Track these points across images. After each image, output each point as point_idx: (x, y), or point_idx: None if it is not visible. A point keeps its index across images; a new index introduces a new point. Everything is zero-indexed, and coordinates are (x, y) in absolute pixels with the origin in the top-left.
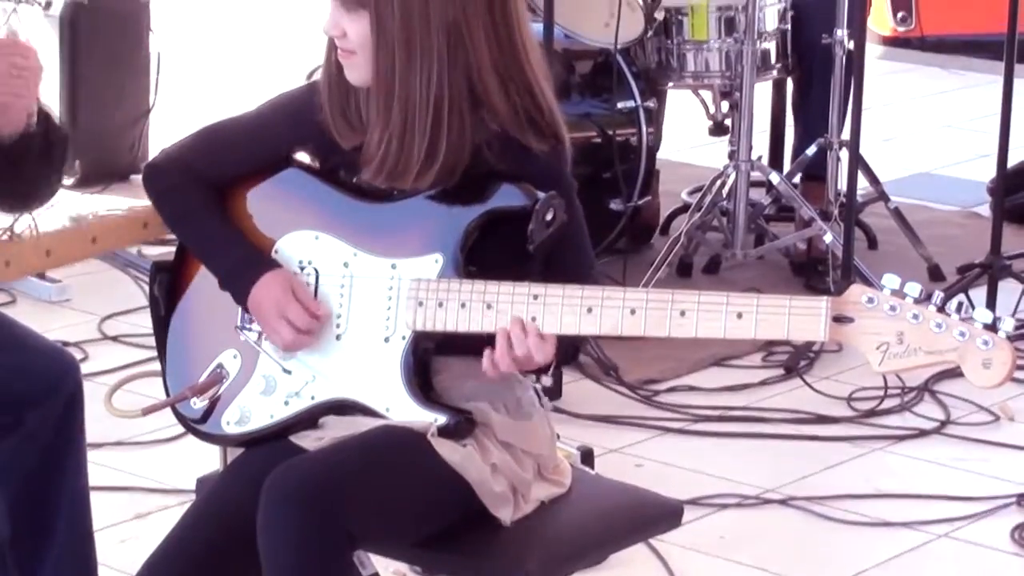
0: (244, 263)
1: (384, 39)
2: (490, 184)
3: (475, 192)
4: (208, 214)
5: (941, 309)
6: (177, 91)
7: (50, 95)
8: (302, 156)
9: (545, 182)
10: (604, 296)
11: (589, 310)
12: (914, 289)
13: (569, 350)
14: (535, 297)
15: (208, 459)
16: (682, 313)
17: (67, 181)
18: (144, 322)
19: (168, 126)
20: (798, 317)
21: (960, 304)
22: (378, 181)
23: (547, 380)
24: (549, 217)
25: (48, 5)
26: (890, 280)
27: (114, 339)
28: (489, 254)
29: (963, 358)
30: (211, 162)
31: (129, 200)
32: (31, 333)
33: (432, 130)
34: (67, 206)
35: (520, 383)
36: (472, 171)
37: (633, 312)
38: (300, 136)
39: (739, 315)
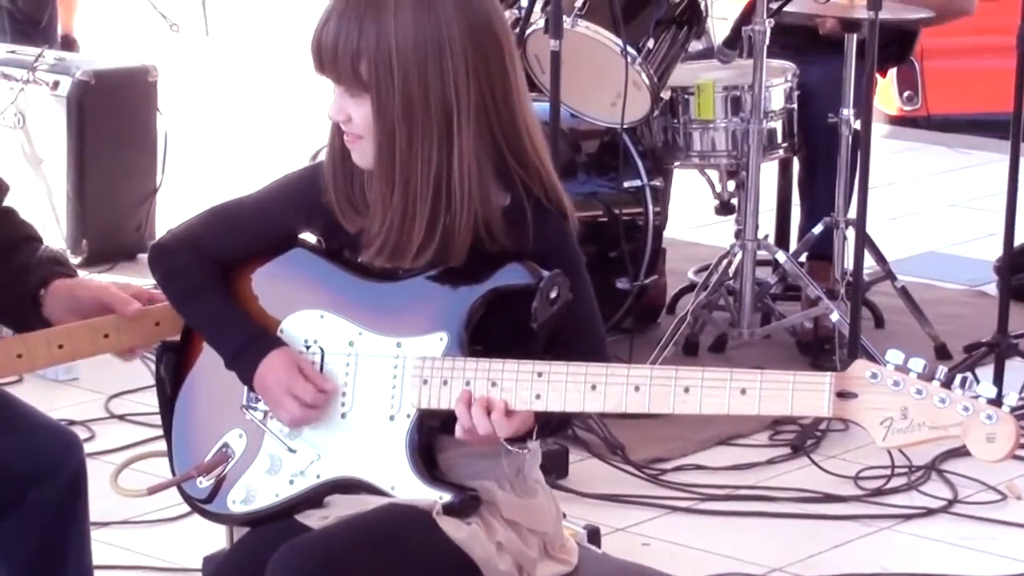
0: (250, 342)
1: (384, 121)
2: (494, 262)
3: (479, 270)
4: (214, 294)
5: (945, 384)
6: (184, 171)
7: (57, 173)
8: (307, 236)
9: (550, 259)
10: (608, 373)
11: (593, 387)
12: (918, 364)
13: (553, 420)
14: (539, 374)
15: (214, 538)
16: (686, 389)
17: (74, 260)
18: (151, 401)
19: (175, 206)
20: (802, 393)
21: (964, 379)
22: (379, 261)
23: (532, 445)
24: (553, 295)
25: (56, 84)
26: (894, 355)
27: (121, 418)
28: (494, 332)
29: (967, 433)
30: (218, 243)
31: (136, 280)
32: (34, 411)
33: (432, 210)
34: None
35: (527, 461)
36: (476, 249)
37: (637, 389)
38: (305, 217)
39: (743, 391)
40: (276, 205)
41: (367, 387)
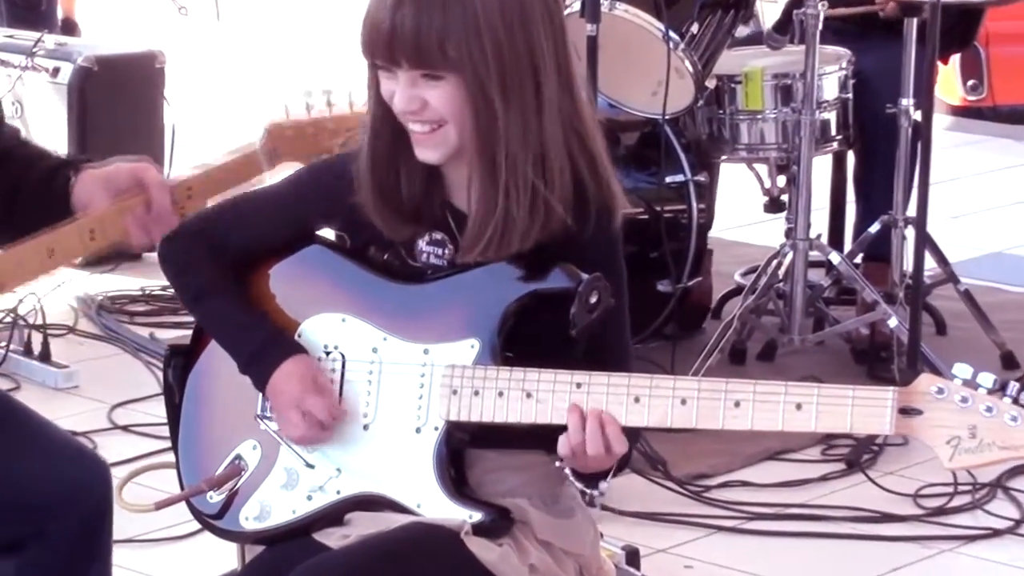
0: (266, 346)
1: (481, 98)
2: (530, 264)
3: (513, 272)
4: (228, 292)
5: (1016, 401)
6: (192, 163)
7: None
8: (326, 232)
9: (592, 262)
10: (652, 385)
11: (636, 399)
12: (987, 380)
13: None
14: (578, 385)
15: (225, 557)
16: (736, 404)
17: (75, 260)
18: (157, 411)
19: None
20: (862, 409)
21: None
22: (485, 254)
23: (604, 487)
24: (593, 300)
25: (56, 71)
26: (961, 370)
27: (125, 428)
28: (528, 339)
29: None
30: (231, 238)
31: (140, 280)
32: (57, 432)
33: (535, 187)
34: (75, 286)
35: (562, 479)
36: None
37: (684, 402)
38: (325, 212)
39: (798, 406)
40: (293, 199)
41: (391, 397)
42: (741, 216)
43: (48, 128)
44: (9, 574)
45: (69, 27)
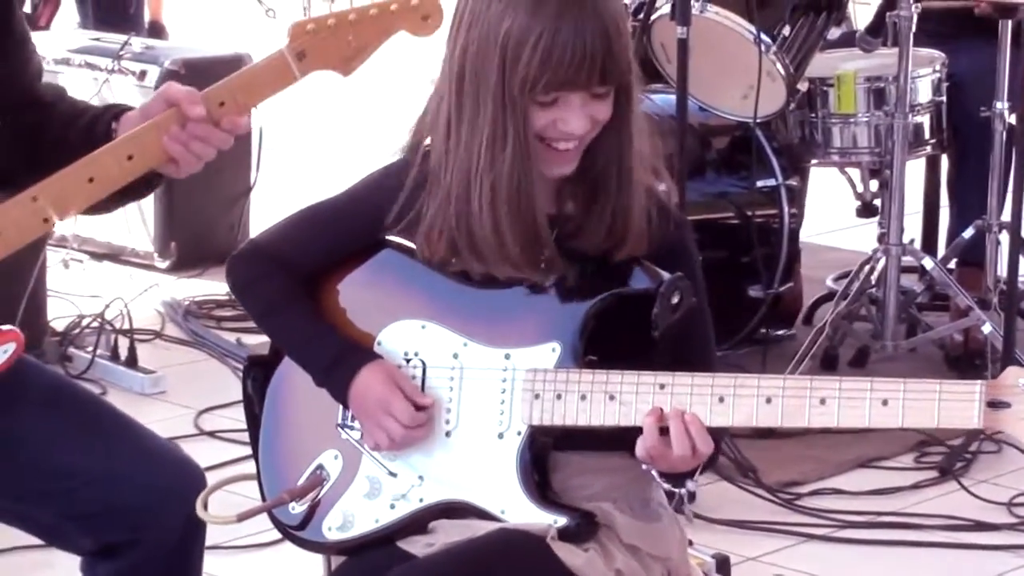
0: (340, 357)
1: (632, 103)
2: (609, 265)
3: (593, 274)
4: (297, 306)
5: None
6: (281, 168)
7: None
8: (398, 236)
9: (669, 259)
10: (737, 384)
11: (721, 399)
12: None
13: (713, 453)
14: (661, 387)
15: (310, 567)
16: (822, 401)
17: (162, 264)
18: (243, 416)
19: (271, 205)
20: (949, 403)
21: None
22: (592, 255)
23: (692, 485)
24: (675, 300)
25: (142, 74)
26: None
27: (211, 434)
28: (610, 341)
29: None
30: (301, 250)
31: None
32: (153, 439)
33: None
34: (162, 290)
35: (648, 481)
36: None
37: (769, 401)
38: (390, 216)
39: (884, 402)
40: (356, 206)
41: (473, 403)
42: (833, 221)
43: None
44: None
45: (156, 30)
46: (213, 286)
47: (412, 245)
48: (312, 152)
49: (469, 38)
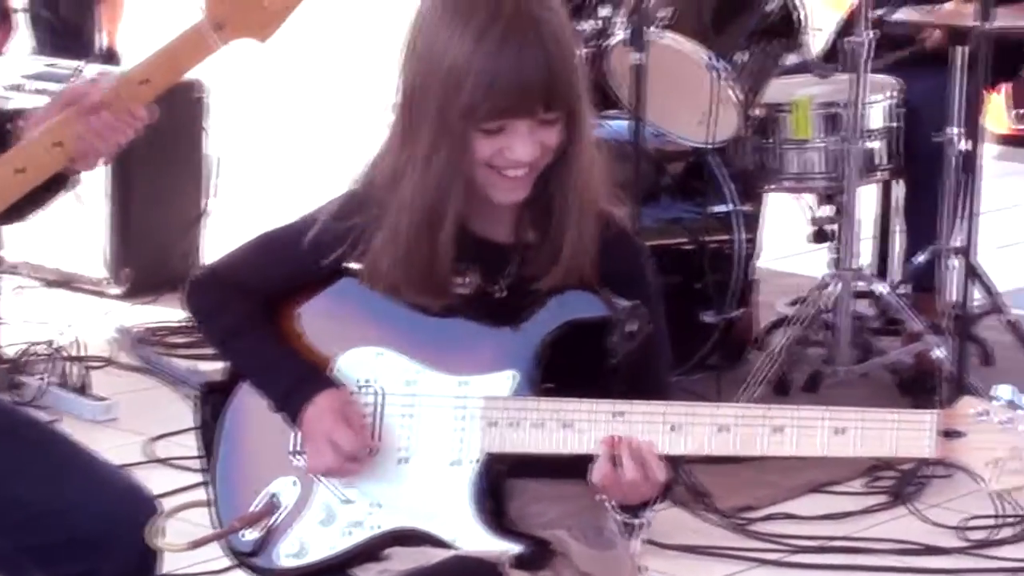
0: (299, 383)
1: (585, 128)
2: (566, 293)
3: (551, 302)
4: (258, 332)
5: None
6: (235, 194)
7: (97, 197)
8: (356, 264)
9: (627, 286)
10: (691, 413)
11: (673, 428)
12: None
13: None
14: (616, 415)
15: None
16: (777, 430)
17: (115, 291)
18: (195, 444)
19: (225, 232)
20: (904, 432)
21: None
22: (550, 283)
23: (650, 515)
24: (632, 329)
25: None
26: (1003, 391)
27: (163, 462)
28: (567, 369)
29: None
30: (261, 275)
31: (180, 312)
32: (107, 467)
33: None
34: (115, 317)
35: (603, 509)
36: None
37: (725, 430)
38: (349, 244)
39: (839, 431)
40: (322, 232)
41: (429, 430)
42: (786, 246)
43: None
44: None
45: (111, 56)
46: (166, 313)
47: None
48: (266, 178)
49: (415, 65)
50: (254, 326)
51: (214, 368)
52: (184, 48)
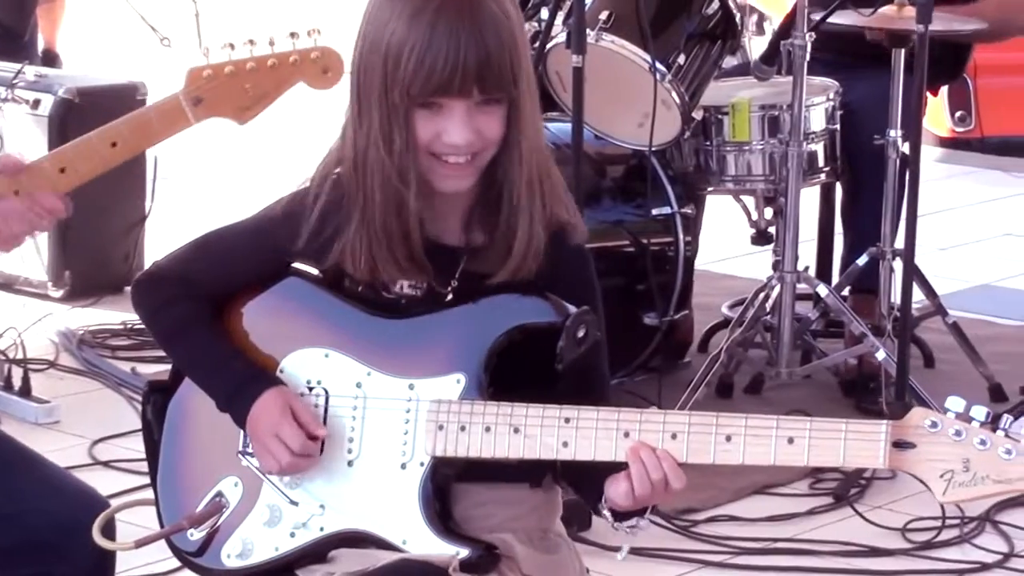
0: (245, 383)
1: (530, 115)
2: (515, 297)
3: (498, 306)
4: (204, 331)
5: (1010, 434)
6: (175, 196)
7: None
8: (303, 264)
9: (573, 290)
10: (642, 420)
11: (626, 434)
12: (980, 413)
13: None
14: (567, 420)
15: None
16: (728, 438)
17: (56, 293)
18: (138, 446)
19: (165, 234)
20: (855, 443)
21: None
22: (500, 278)
23: (644, 523)
24: (581, 334)
25: (36, 103)
26: (955, 403)
27: (106, 464)
28: (514, 373)
29: None
30: (206, 275)
31: (122, 314)
32: (56, 471)
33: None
34: (56, 320)
35: (547, 513)
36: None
37: (674, 437)
38: (297, 244)
39: (790, 440)
40: (263, 232)
41: (376, 433)
42: (728, 248)
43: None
44: None
45: (50, 59)
46: (108, 315)
47: (318, 272)
48: (207, 181)
49: (362, 47)
50: (201, 325)
51: (155, 370)
52: (159, 117)
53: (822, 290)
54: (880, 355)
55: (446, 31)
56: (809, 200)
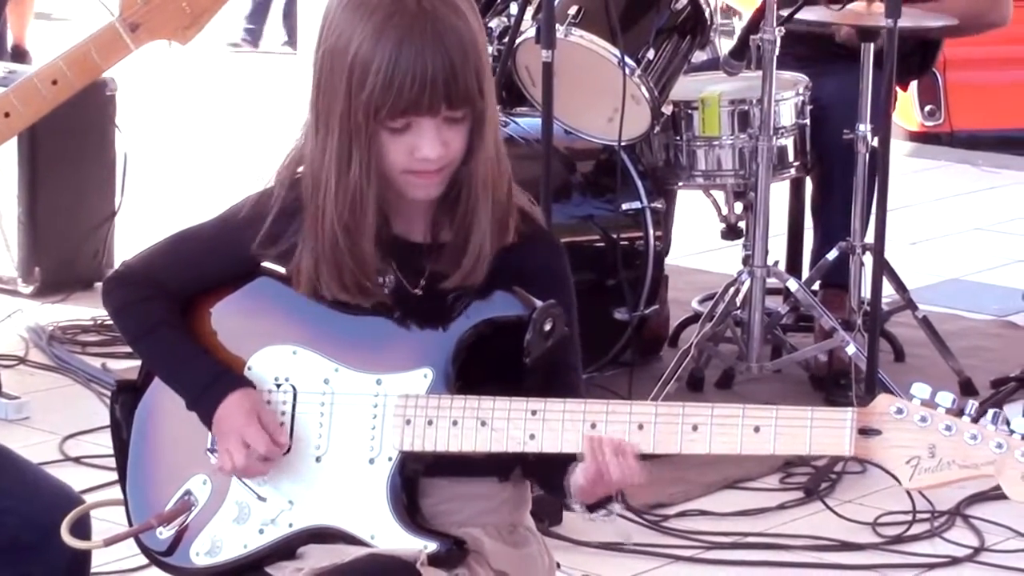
0: (213, 382)
1: (493, 126)
2: (482, 291)
3: (465, 300)
4: (173, 330)
5: (976, 420)
6: (146, 192)
7: (7, 196)
8: (272, 263)
9: (544, 285)
10: (609, 411)
11: (593, 426)
12: (946, 399)
13: None
14: (533, 413)
15: None
16: (694, 427)
17: (25, 289)
18: (108, 442)
19: (136, 230)
20: (821, 430)
21: (996, 414)
22: (454, 282)
23: (618, 508)
24: (548, 328)
25: None
26: (920, 390)
27: (76, 460)
28: (482, 367)
29: (1000, 471)
30: (176, 274)
31: (92, 310)
32: (31, 468)
33: (499, 211)
34: (26, 316)
35: (516, 507)
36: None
37: (641, 427)
38: (265, 242)
39: (756, 429)
40: (230, 231)
41: (344, 428)
42: (698, 243)
43: None
44: None
45: (19, 54)
46: (78, 311)
47: (285, 272)
48: (176, 177)
49: (323, 61)
50: (170, 324)
51: (125, 366)
52: (97, 49)
53: (792, 285)
54: (850, 349)
55: (412, 49)
56: (779, 195)
